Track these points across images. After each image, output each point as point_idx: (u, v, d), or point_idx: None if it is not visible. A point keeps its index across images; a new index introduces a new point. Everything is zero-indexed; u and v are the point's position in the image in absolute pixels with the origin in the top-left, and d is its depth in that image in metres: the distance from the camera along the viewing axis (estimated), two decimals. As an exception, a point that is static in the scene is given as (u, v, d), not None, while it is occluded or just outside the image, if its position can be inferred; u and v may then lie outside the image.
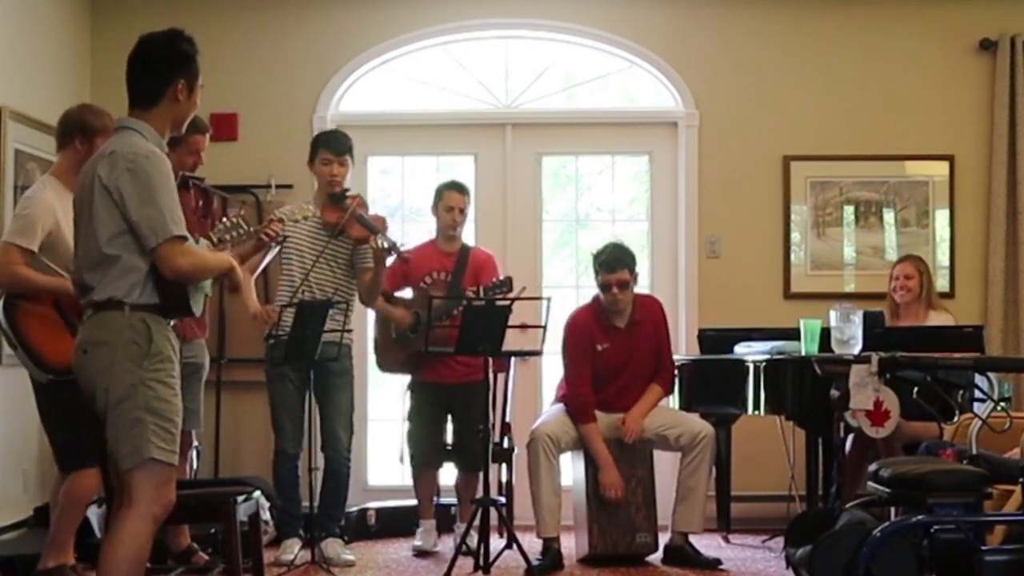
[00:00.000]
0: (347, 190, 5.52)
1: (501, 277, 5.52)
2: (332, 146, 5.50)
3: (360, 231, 5.45)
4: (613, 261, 5.42)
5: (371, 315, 5.97)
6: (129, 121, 3.45)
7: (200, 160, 5.04)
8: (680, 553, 5.38)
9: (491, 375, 5.75)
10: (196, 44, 3.51)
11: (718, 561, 5.33)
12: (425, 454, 5.73)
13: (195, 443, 5.43)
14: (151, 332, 3.32)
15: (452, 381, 5.62)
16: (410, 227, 6.78)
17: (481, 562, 5.06)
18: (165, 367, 3.34)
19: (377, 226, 5.47)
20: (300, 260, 5.41)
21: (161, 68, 3.44)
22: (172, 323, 3.47)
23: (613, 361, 5.49)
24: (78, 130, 4.47)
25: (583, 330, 5.50)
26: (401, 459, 5.80)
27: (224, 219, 4.85)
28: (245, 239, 4.88)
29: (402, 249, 5.40)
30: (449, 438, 5.80)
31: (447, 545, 5.69)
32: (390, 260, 5.44)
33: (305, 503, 5.45)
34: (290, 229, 5.35)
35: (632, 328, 5.52)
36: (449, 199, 5.73)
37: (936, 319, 5.89)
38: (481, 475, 5.28)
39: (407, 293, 5.80)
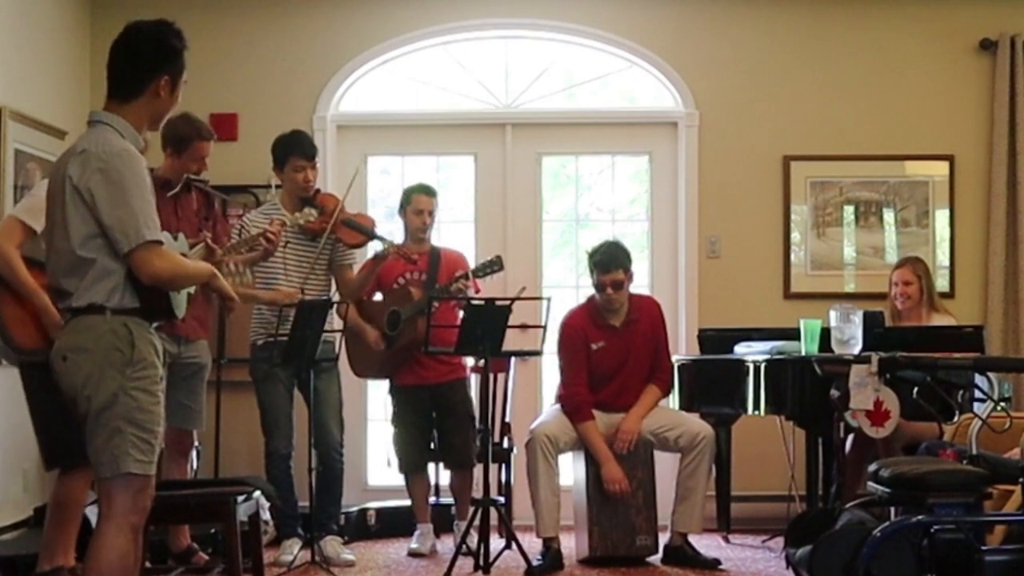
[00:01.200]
0: (318, 191, 5.53)
1: (488, 258, 5.50)
2: (305, 151, 5.48)
3: (354, 236, 5.46)
4: (608, 261, 5.42)
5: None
6: (103, 115, 3.29)
7: (204, 166, 5.06)
8: (679, 553, 5.38)
9: (469, 373, 5.77)
10: (185, 38, 3.37)
11: (717, 561, 5.33)
12: (412, 458, 5.72)
13: (196, 443, 5.43)
14: (133, 338, 3.21)
15: (433, 381, 5.61)
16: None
17: (481, 562, 5.06)
18: (148, 374, 3.23)
19: (369, 227, 5.47)
20: (284, 265, 5.40)
21: (146, 61, 3.28)
22: (155, 325, 3.38)
23: (609, 360, 5.49)
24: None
25: (577, 329, 5.50)
26: (388, 463, 5.80)
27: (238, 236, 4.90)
28: (244, 246, 4.87)
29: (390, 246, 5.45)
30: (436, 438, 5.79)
31: (447, 545, 5.69)
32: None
33: (303, 503, 5.45)
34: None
35: (628, 327, 5.52)
36: (418, 202, 5.70)
37: (938, 321, 5.88)
38: (480, 474, 5.29)
39: (377, 296, 5.77)
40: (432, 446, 5.76)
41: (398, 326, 5.54)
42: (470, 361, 5.78)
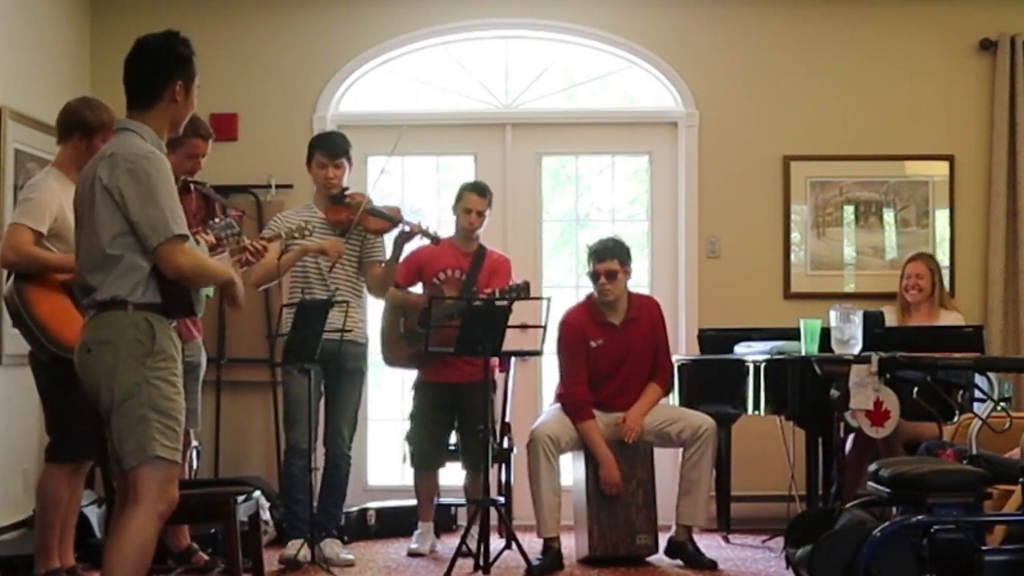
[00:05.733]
0: (346, 189, 5.53)
1: (517, 282, 5.50)
2: (328, 149, 5.51)
3: (379, 223, 5.47)
4: (603, 250, 5.46)
5: (377, 307, 5.92)
6: (127, 123, 3.49)
7: (199, 165, 5.04)
8: (682, 549, 5.39)
9: (496, 375, 5.77)
10: (192, 45, 3.54)
11: (714, 564, 5.33)
12: (425, 455, 5.73)
13: (194, 442, 5.42)
14: (154, 331, 3.34)
15: (457, 381, 5.60)
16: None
17: (481, 562, 5.06)
18: (168, 365, 3.36)
19: (395, 215, 5.49)
20: (314, 261, 5.41)
21: (158, 70, 3.48)
22: (173, 324, 3.48)
23: (608, 359, 5.49)
24: (78, 127, 4.51)
25: (576, 327, 5.50)
26: (404, 459, 5.81)
27: (217, 218, 4.86)
28: (235, 244, 4.84)
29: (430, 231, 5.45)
30: (453, 438, 5.80)
31: (447, 545, 5.69)
32: (415, 243, 5.51)
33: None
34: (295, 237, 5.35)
35: (627, 325, 5.52)
36: (468, 201, 5.72)
37: (947, 319, 5.90)
38: (481, 475, 5.28)
39: (418, 288, 5.79)
40: (451, 446, 5.78)
41: (428, 325, 5.49)
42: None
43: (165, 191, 3.36)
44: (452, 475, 5.92)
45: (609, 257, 5.45)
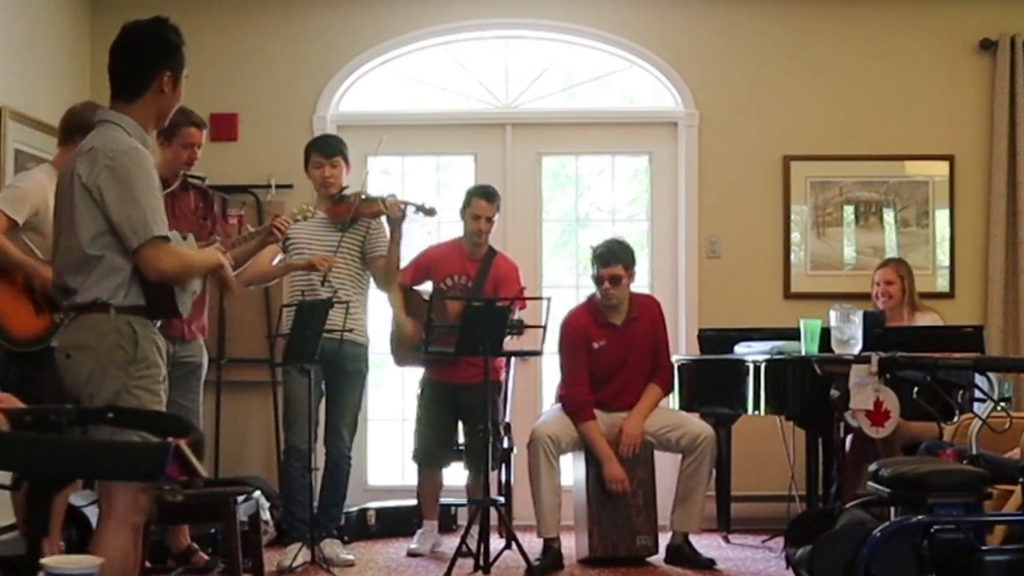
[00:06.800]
0: (345, 188, 5.54)
1: (514, 319, 5.48)
2: (322, 149, 5.56)
3: (372, 207, 5.47)
4: (608, 255, 5.44)
5: (379, 308, 5.92)
6: (110, 115, 3.31)
7: (195, 155, 4.98)
8: (678, 552, 5.40)
9: (501, 376, 5.76)
10: (182, 34, 3.38)
11: (712, 561, 5.33)
12: (429, 453, 5.74)
13: (195, 443, 5.41)
14: (137, 336, 3.21)
15: (462, 382, 5.59)
16: (409, 227, 6.75)
17: (481, 562, 5.06)
18: (151, 373, 3.24)
19: (387, 197, 5.49)
20: (311, 254, 5.41)
21: (147, 59, 3.30)
22: (159, 324, 3.38)
23: (610, 359, 5.49)
24: (80, 130, 4.46)
25: (578, 328, 5.50)
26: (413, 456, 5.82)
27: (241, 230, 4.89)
28: (251, 238, 4.87)
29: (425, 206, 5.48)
30: (460, 438, 5.79)
31: (447, 545, 5.68)
32: (421, 226, 5.54)
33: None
34: (294, 230, 5.35)
35: (629, 326, 5.52)
36: (476, 207, 5.69)
37: (922, 320, 5.89)
38: (483, 475, 5.28)
39: (427, 286, 5.80)
40: (456, 446, 5.78)
41: (431, 334, 5.47)
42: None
43: (146, 189, 3.20)
44: (452, 475, 5.92)
45: (614, 262, 5.43)
